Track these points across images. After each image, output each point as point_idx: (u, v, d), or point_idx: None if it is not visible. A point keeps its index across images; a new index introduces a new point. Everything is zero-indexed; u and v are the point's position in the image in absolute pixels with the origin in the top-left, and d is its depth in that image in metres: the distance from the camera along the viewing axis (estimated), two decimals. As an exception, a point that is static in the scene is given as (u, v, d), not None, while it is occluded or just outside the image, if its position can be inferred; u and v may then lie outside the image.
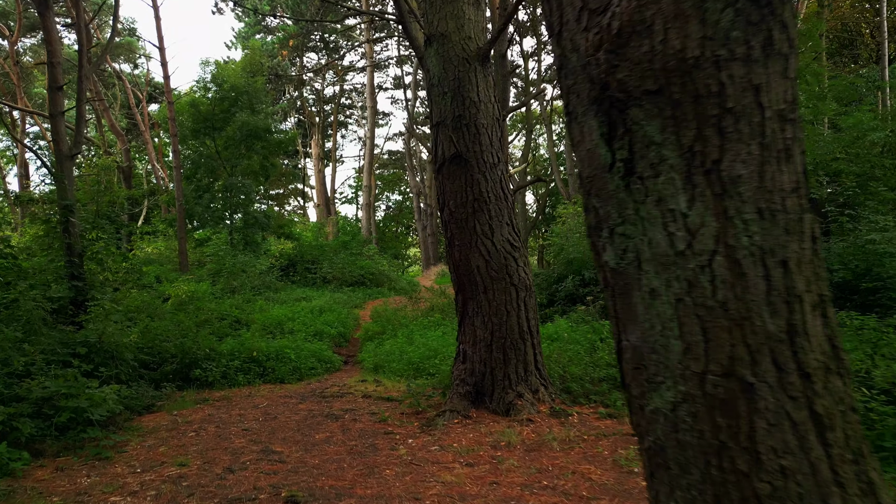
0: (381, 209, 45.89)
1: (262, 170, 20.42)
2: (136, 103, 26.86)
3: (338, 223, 28.41)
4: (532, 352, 4.86)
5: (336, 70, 38.37)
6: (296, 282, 18.89)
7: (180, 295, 10.51)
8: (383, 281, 20.43)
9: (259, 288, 14.64)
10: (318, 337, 10.29)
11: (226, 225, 18.85)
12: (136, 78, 31.56)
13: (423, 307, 11.52)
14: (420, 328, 9.73)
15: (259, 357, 7.57)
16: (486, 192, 4.87)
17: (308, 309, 12.59)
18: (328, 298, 14.54)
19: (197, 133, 19.14)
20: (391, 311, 11.31)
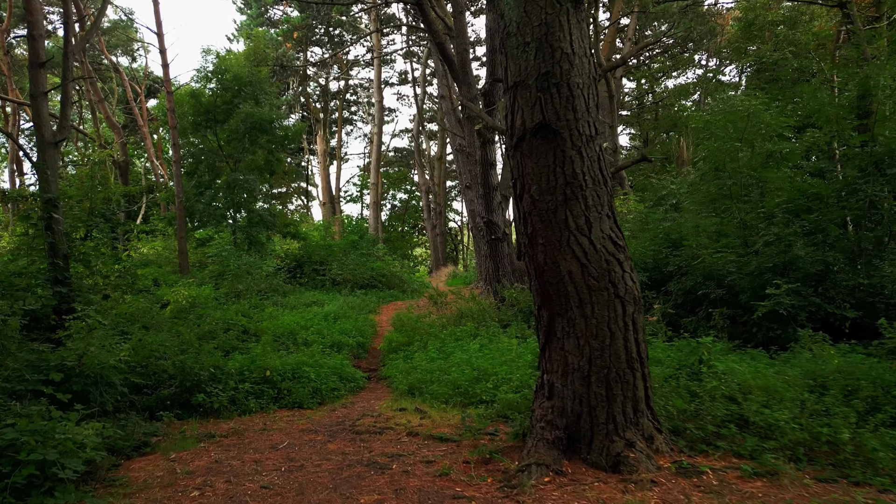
0: (385, 208, 44.74)
1: (266, 165, 19.26)
2: (135, 98, 25.73)
3: (344, 222, 27.26)
4: (642, 385, 3.69)
5: (341, 64, 37.22)
6: (304, 284, 17.73)
7: (180, 301, 9.35)
8: (395, 283, 19.28)
9: (266, 292, 13.48)
10: (335, 348, 9.13)
11: (228, 224, 17.69)
12: (135, 72, 30.43)
13: (450, 313, 10.35)
14: (452, 339, 8.56)
15: (273, 377, 6.40)
16: (582, 174, 3.70)
17: (321, 315, 11.43)
18: (341, 303, 13.38)
19: (198, 126, 17.99)
20: (414, 318, 10.15)
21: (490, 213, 12.13)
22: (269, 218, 18.06)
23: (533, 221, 3.83)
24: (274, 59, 22.17)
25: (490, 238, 12.26)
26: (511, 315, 10.08)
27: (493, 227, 12.18)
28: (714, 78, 27.15)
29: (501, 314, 10.26)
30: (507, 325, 9.78)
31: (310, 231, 22.01)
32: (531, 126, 3.76)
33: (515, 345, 7.50)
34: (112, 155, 18.01)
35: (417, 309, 12.22)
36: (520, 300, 10.19)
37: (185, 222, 16.31)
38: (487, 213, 12.13)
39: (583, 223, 3.71)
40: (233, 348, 7.81)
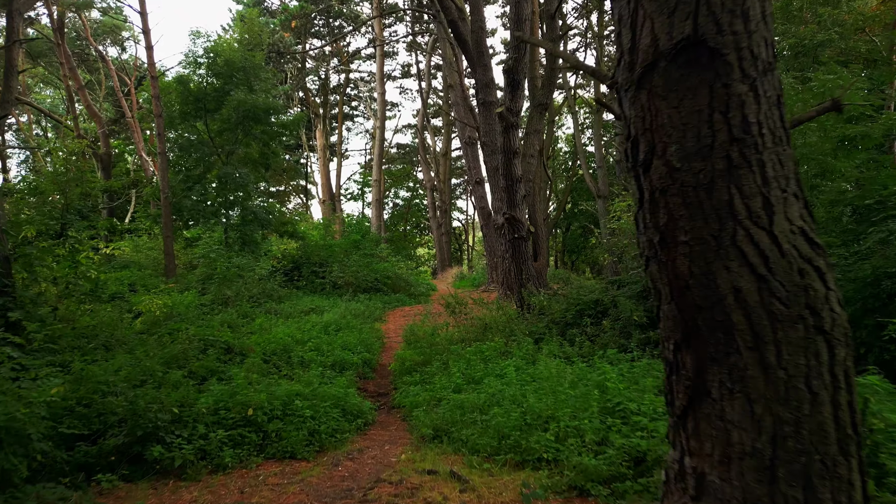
0: (388, 206, 43.25)
1: (262, 158, 17.78)
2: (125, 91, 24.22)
3: (345, 221, 25.76)
4: (859, 481, 2.19)
5: (342, 56, 35.72)
6: (302, 288, 16.23)
7: (153, 311, 7.85)
8: (401, 286, 17.79)
9: (258, 297, 11.99)
10: (337, 369, 7.65)
11: (220, 222, 16.20)
12: (125, 63, 28.93)
13: (471, 325, 8.85)
14: (478, 358, 7.07)
15: (257, 417, 4.91)
16: (758, 125, 2.21)
17: (321, 326, 9.94)
18: (342, 310, 11.88)
19: (186, 116, 16.50)
20: (429, 330, 8.64)
21: (513, 209, 10.64)
22: (264, 216, 16.58)
23: (669, 205, 2.33)
24: (269, 45, 20.66)
25: (512, 237, 10.77)
26: (543, 327, 8.59)
27: (516, 224, 10.70)
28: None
29: (531, 326, 8.78)
30: (539, 338, 8.30)
31: (309, 230, 20.51)
32: (670, 45, 2.26)
33: (562, 369, 6.00)
34: (90, 145, 16.50)
35: (430, 317, 10.72)
36: (552, 309, 8.69)
37: (172, 220, 14.81)
38: (510, 207, 10.64)
39: (759, 207, 2.21)
40: (210, 373, 6.31)
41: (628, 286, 8.90)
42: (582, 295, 9.03)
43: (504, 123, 10.21)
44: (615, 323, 7.90)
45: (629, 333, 7.61)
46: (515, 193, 10.60)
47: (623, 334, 7.62)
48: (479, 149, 21.24)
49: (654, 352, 6.99)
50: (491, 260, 20.46)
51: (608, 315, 8.32)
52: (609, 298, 8.46)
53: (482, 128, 14.11)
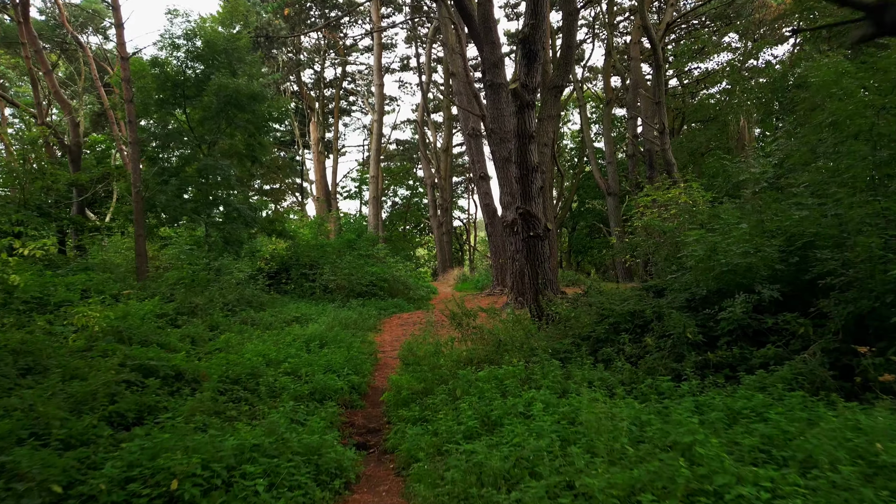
0: (386, 205, 41.72)
1: (247, 150, 16.26)
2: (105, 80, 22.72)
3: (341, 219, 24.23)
4: None
5: (338, 49, 34.22)
6: (290, 292, 14.74)
7: (91, 326, 6.33)
8: (399, 289, 16.29)
9: (235, 304, 10.48)
10: (317, 398, 6.13)
11: (200, 219, 14.68)
12: (109, 53, 27.41)
13: (483, 341, 7.32)
14: (494, 388, 5.57)
15: (185, 493, 3.39)
16: None
17: (303, 339, 8.44)
18: (331, 318, 10.37)
19: (163, 103, 14.98)
20: (430, 348, 7.11)
21: (528, 202, 9.13)
22: (248, 212, 15.05)
23: None
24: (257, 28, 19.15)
25: (527, 235, 9.26)
26: (569, 344, 7.08)
27: (531, 220, 9.18)
28: (750, 58, 24.12)
29: (553, 342, 7.27)
30: (564, 358, 6.81)
31: (299, 228, 19.00)
32: None
33: (611, 411, 4.50)
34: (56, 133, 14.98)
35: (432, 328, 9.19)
36: (581, 322, 7.18)
37: (144, 216, 13.29)
38: (524, 201, 9.13)
39: None
40: (147, 412, 4.80)
41: (671, 293, 7.38)
42: (613, 304, 7.51)
43: (518, 102, 8.70)
44: (661, 341, 6.39)
45: (681, 354, 6.10)
46: (531, 184, 9.09)
47: (673, 356, 6.11)
48: (483, 141, 19.74)
49: (717, 379, 5.50)
50: (496, 261, 18.96)
51: (650, 330, 6.80)
52: (650, 309, 6.95)
53: (490, 113, 12.61)
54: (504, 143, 12.30)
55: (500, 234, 19.18)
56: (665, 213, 11.88)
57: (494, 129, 12.39)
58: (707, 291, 6.77)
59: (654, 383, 5.49)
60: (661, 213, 12.23)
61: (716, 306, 6.48)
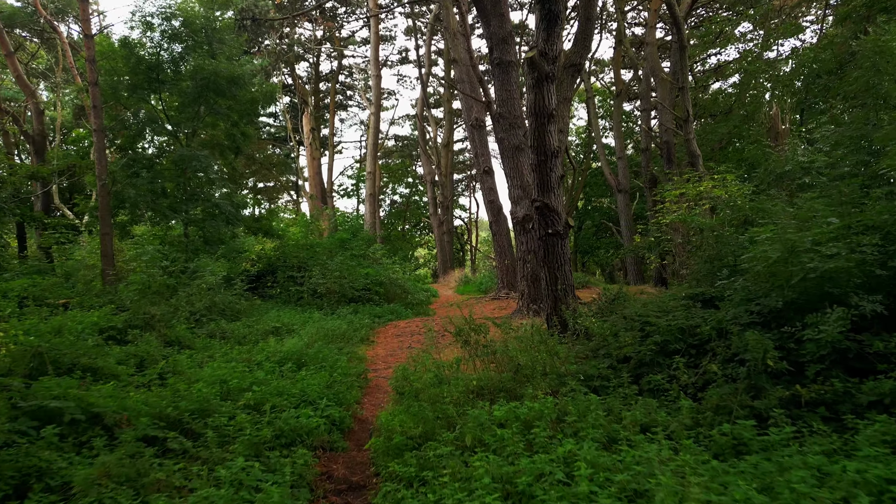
0: (385, 203, 40.29)
1: (229, 141, 14.84)
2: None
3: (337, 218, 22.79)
4: None
5: (334, 41, 32.79)
6: (275, 297, 13.32)
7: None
8: (396, 293, 14.87)
9: (205, 314, 9.05)
10: (285, 442, 4.71)
11: (178, 216, 13.27)
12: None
13: (497, 363, 5.87)
14: (517, 436, 4.15)
15: None
16: None
17: (278, 358, 7.01)
18: (315, 330, 8.94)
19: (135, 88, 13.56)
20: (431, 375, 5.64)
21: (546, 194, 7.69)
22: (229, 209, 13.63)
23: None
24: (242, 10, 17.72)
25: (544, 233, 7.82)
26: (605, 368, 5.66)
27: (549, 215, 7.75)
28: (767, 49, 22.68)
29: (583, 364, 5.85)
30: (600, 387, 5.40)
31: (288, 227, 17.57)
32: None
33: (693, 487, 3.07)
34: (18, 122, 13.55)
35: (433, 340, 7.75)
36: (622, 341, 5.75)
37: (111, 213, 11.87)
38: (542, 192, 7.69)
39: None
40: (36, 476, 3.38)
41: (728, 305, 5.95)
42: (657, 317, 6.08)
43: (535, 74, 7.26)
44: (729, 367, 4.96)
45: (759, 387, 4.67)
46: (549, 173, 7.65)
47: (748, 388, 4.68)
48: (487, 133, 18.32)
49: (813, 422, 4.09)
50: (501, 262, 17.54)
51: (709, 352, 5.38)
52: (708, 326, 5.52)
53: (498, 96, 11.18)
54: (513, 129, 10.88)
55: (505, 233, 17.75)
56: (696, 208, 10.47)
57: (503, 113, 10.97)
58: (783, 303, 5.32)
59: (733, 430, 4.07)
60: (690, 207, 10.82)
61: (797, 322, 5.05)
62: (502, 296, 16.62)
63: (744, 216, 8.76)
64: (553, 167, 7.67)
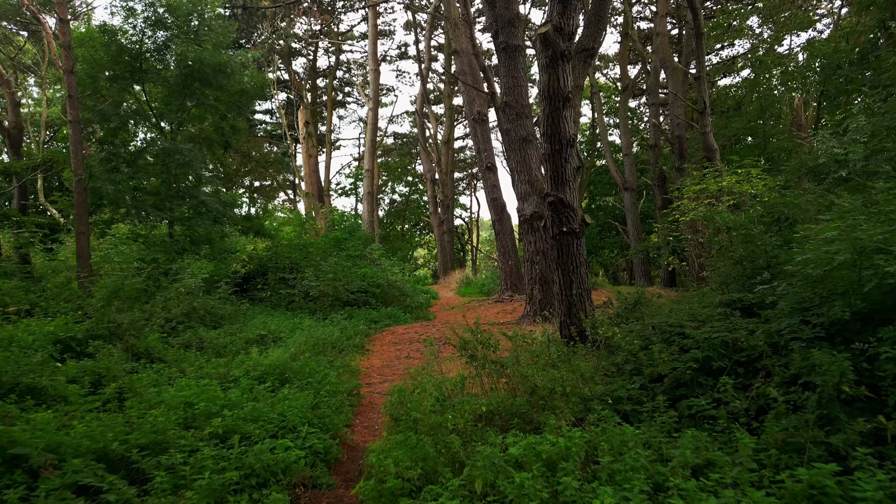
0: (384, 202, 39.46)
1: (217, 134, 14.01)
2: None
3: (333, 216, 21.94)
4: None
5: (332, 35, 31.96)
6: (265, 300, 12.50)
7: None
8: (394, 296, 14.04)
9: (183, 320, 8.22)
10: (255, 481, 3.89)
11: (163, 214, 12.45)
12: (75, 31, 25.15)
13: (509, 381, 5.04)
14: (538, 480, 3.32)
15: None
16: None
17: (258, 373, 6.19)
18: (304, 338, 8.10)
19: (117, 78, 12.73)
20: (430, 400, 4.78)
21: (560, 188, 6.85)
22: (216, 206, 12.80)
23: None
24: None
25: (559, 231, 6.98)
26: (636, 389, 4.83)
27: (564, 211, 6.91)
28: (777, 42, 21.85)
29: (609, 383, 5.02)
30: (632, 412, 4.59)
31: (281, 225, 16.74)
32: None
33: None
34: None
35: (433, 351, 6.92)
36: (655, 357, 4.91)
37: (87, 210, 11.04)
38: (556, 185, 6.85)
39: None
40: None
41: (777, 315, 5.11)
42: (693, 328, 5.25)
43: (550, 52, 6.43)
44: (791, 392, 4.13)
45: (831, 418, 3.84)
46: (564, 164, 6.81)
47: (821, 420, 3.85)
48: (491, 127, 17.50)
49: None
50: (504, 263, 16.71)
51: (762, 371, 4.56)
52: (761, 340, 4.69)
53: (504, 83, 10.35)
54: (521, 119, 10.05)
55: (509, 233, 16.93)
56: (719, 205, 9.65)
57: (509, 101, 10.13)
58: (850, 315, 4.49)
59: (810, 475, 3.24)
60: (712, 204, 10.00)
61: (869, 337, 4.23)
62: (506, 298, 15.79)
63: (777, 213, 7.95)
64: (568, 157, 6.83)
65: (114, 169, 11.71)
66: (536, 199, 10.07)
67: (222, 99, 13.55)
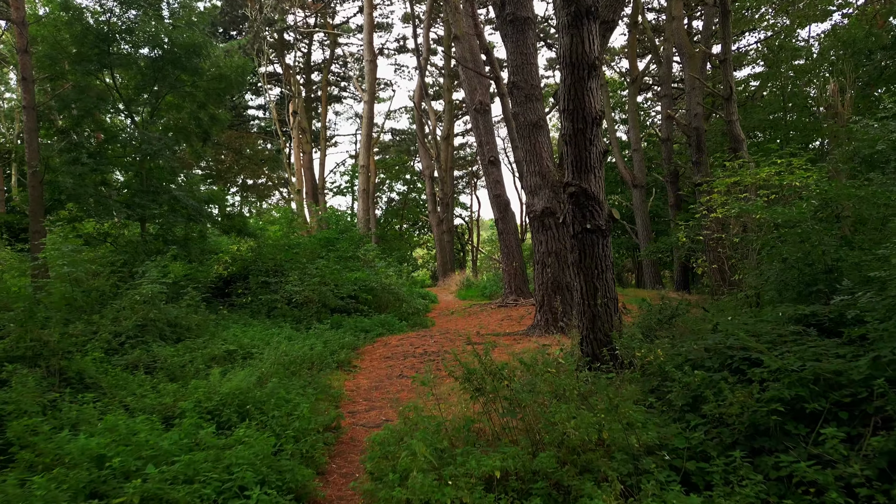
0: (382, 201, 38.25)
1: (195, 124, 12.79)
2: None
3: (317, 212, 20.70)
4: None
5: (326, 27, 30.74)
6: (246, 306, 11.31)
7: None
8: (388, 302, 12.83)
9: (136, 334, 7.00)
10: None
11: (127, 210, 11.23)
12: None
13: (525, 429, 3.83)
14: None
15: None
16: None
17: (213, 404, 4.97)
18: (277, 355, 6.86)
19: (82, 59, 11.50)
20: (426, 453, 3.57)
21: (584, 174, 5.63)
22: (191, 203, 11.57)
23: None
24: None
25: (582, 229, 5.76)
26: (697, 436, 3.61)
27: (589, 204, 5.69)
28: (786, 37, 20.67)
29: (659, 424, 3.79)
30: (697, 473, 3.38)
31: (267, 224, 15.53)
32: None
33: None
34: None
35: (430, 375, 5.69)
36: (727, 394, 3.68)
37: (44, 206, 9.83)
38: (579, 172, 5.64)
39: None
40: None
41: (876, 334, 3.90)
42: (771, 355, 4.03)
43: (573, 9, 5.22)
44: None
45: None
46: (590, 146, 5.60)
47: None
48: (494, 119, 16.32)
49: None
50: (508, 265, 15.50)
51: (877, 417, 3.35)
52: (865, 373, 3.49)
53: (511, 61, 9.13)
54: (530, 101, 8.84)
55: (513, 232, 15.73)
56: (758, 199, 8.44)
57: (517, 82, 8.91)
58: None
59: None
60: (748, 199, 8.80)
61: None
62: (510, 302, 14.59)
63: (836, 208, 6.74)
64: (594, 138, 5.61)
65: (74, 160, 10.49)
66: (548, 192, 8.86)
67: (200, 85, 12.33)
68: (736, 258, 9.21)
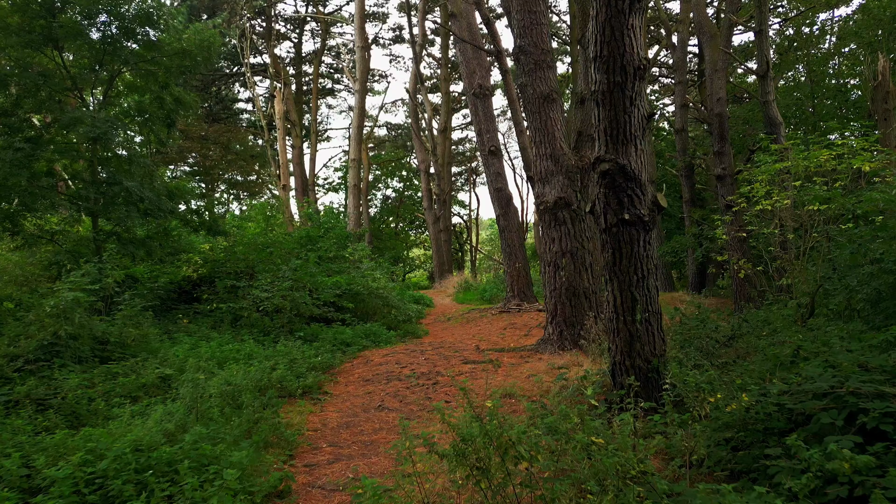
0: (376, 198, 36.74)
1: (158, 108, 11.27)
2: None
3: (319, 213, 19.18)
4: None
5: (317, 14, 29.22)
6: (211, 314, 9.82)
7: None
8: (376, 308, 11.33)
9: (40, 357, 5.49)
10: None
11: (71, 204, 9.75)
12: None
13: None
14: None
15: None
16: None
17: (87, 475, 3.43)
18: (219, 382, 5.32)
19: (24, 30, 9.99)
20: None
21: (622, 146, 4.14)
22: (146, 195, 10.05)
23: None
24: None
25: (618, 220, 4.27)
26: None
27: (626, 186, 4.19)
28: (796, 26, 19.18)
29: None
30: None
31: (243, 222, 14.01)
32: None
33: None
34: None
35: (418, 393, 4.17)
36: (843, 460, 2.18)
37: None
38: (612, 143, 4.14)
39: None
40: None
41: None
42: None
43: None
44: None
45: None
46: (630, 106, 4.10)
47: None
48: (495, 104, 14.83)
49: None
50: (510, 266, 14.00)
51: None
52: None
53: (518, 22, 7.60)
54: (540, 69, 7.33)
55: (515, 229, 14.23)
56: (813, 186, 6.97)
57: (524, 46, 7.38)
58: None
59: None
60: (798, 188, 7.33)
61: None
62: (512, 308, 13.10)
63: None
64: (636, 97, 4.11)
65: (7, 146, 8.97)
66: (563, 179, 7.35)
67: (161, 62, 10.80)
68: (784, 258, 7.71)
